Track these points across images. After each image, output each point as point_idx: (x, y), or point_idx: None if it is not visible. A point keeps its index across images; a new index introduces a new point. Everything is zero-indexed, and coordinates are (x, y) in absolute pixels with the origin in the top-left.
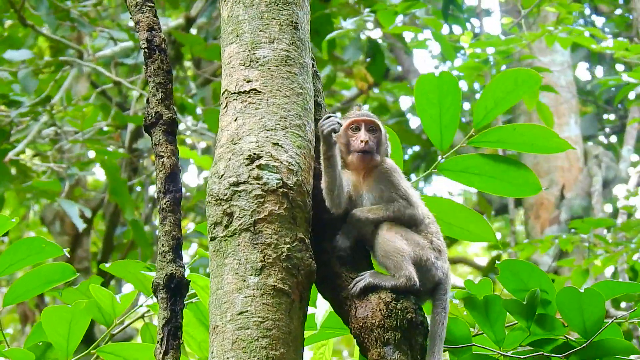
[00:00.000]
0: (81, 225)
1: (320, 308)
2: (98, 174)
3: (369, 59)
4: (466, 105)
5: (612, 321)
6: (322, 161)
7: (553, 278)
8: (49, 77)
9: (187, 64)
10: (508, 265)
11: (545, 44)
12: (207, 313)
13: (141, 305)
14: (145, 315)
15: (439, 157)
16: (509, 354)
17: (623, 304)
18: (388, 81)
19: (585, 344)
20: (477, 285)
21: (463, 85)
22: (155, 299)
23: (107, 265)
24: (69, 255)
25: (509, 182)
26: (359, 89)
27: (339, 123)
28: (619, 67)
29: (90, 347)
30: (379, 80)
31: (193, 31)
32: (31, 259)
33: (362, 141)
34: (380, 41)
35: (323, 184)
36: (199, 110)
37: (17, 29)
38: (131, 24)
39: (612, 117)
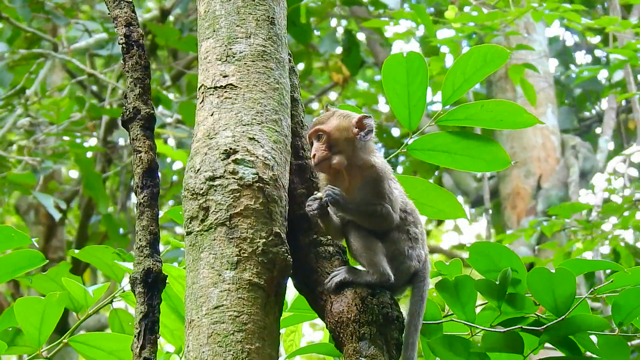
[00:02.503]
0: (57, 215)
1: (290, 291)
2: (71, 171)
3: (345, 51)
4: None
5: (584, 298)
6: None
7: (533, 262)
8: (23, 69)
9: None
10: (478, 247)
11: (526, 31)
12: (179, 302)
13: (114, 296)
14: (113, 301)
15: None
16: (482, 331)
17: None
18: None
19: (557, 320)
20: (448, 266)
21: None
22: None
23: (77, 251)
24: (37, 245)
25: (478, 157)
26: (334, 81)
27: (321, 205)
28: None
29: (62, 337)
30: (354, 72)
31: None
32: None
33: (313, 156)
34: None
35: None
36: (171, 96)
37: None
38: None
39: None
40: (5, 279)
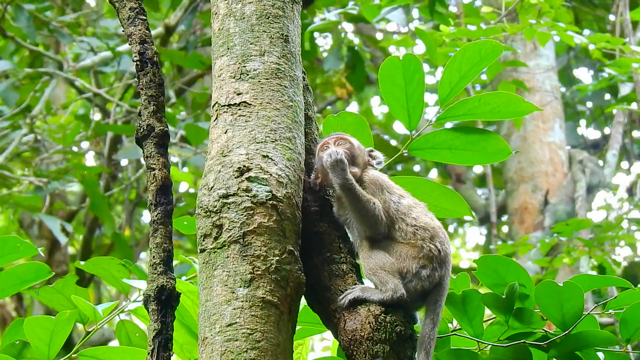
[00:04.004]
0: (63, 240)
1: None
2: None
3: (349, 68)
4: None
5: (590, 311)
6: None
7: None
8: (28, 87)
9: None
10: (486, 260)
11: (528, 42)
12: (188, 315)
13: (122, 310)
14: (123, 312)
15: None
16: (489, 346)
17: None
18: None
19: (563, 334)
20: (455, 280)
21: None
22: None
23: (82, 263)
24: (43, 255)
25: (480, 151)
26: (338, 96)
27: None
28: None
29: (72, 352)
30: (359, 90)
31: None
32: (5, 259)
33: (330, 154)
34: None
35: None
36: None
37: None
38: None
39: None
40: (12, 292)
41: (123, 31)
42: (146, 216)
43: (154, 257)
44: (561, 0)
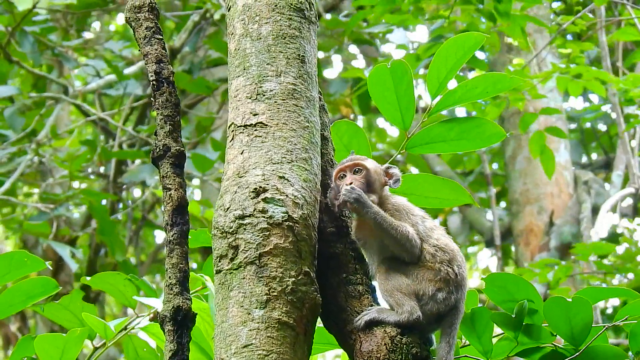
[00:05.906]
0: (74, 266)
1: None
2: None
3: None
4: None
5: (604, 329)
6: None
7: None
8: (34, 112)
9: None
10: (494, 278)
11: (538, 67)
12: (198, 333)
13: (133, 327)
14: (128, 327)
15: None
16: None
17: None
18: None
19: (576, 354)
20: None
21: None
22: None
23: (88, 278)
24: (51, 268)
25: (474, 138)
26: (343, 115)
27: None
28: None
29: None
30: (364, 112)
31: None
32: (13, 274)
33: (346, 185)
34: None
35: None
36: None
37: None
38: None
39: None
40: (19, 308)
41: (139, 50)
42: (146, 237)
43: (169, 277)
44: (592, 45)
